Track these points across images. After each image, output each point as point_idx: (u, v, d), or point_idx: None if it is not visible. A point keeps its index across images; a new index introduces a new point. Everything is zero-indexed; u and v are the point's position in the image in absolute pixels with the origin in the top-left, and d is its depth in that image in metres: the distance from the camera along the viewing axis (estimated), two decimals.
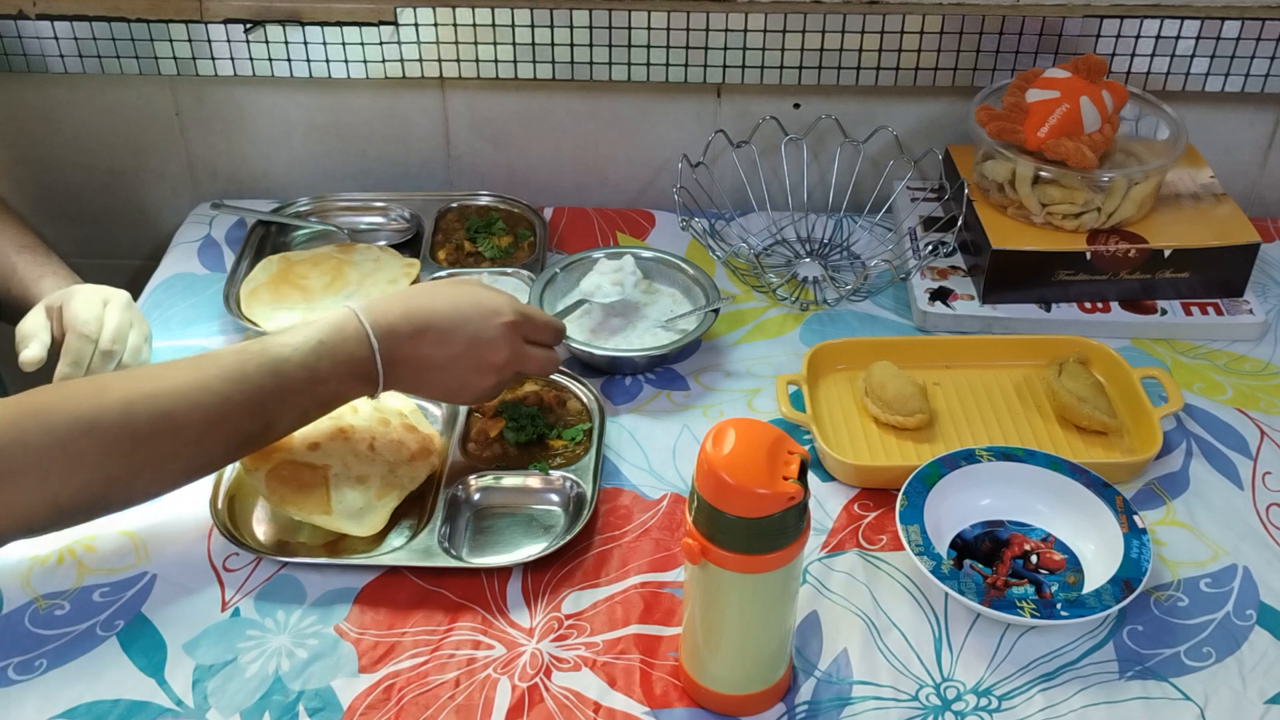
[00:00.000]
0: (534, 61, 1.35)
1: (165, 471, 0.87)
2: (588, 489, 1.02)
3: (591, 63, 1.35)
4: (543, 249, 1.32)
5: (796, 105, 1.39)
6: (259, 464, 0.98)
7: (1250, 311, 1.22)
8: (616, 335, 1.19)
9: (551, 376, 1.13)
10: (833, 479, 1.05)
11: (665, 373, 1.18)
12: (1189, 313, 1.22)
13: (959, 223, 1.26)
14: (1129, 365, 1.12)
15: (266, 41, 1.34)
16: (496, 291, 1.00)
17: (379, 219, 1.40)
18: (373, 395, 0.95)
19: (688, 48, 1.33)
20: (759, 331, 1.23)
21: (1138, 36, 1.32)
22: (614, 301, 1.21)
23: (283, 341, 0.91)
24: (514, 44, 1.34)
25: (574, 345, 1.15)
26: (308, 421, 0.95)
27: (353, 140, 1.44)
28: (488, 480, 1.03)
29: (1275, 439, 1.09)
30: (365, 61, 1.36)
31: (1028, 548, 0.97)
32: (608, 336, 1.19)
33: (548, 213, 1.42)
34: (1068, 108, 1.20)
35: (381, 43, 1.34)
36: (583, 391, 1.12)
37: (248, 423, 0.89)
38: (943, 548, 0.97)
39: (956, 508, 0.99)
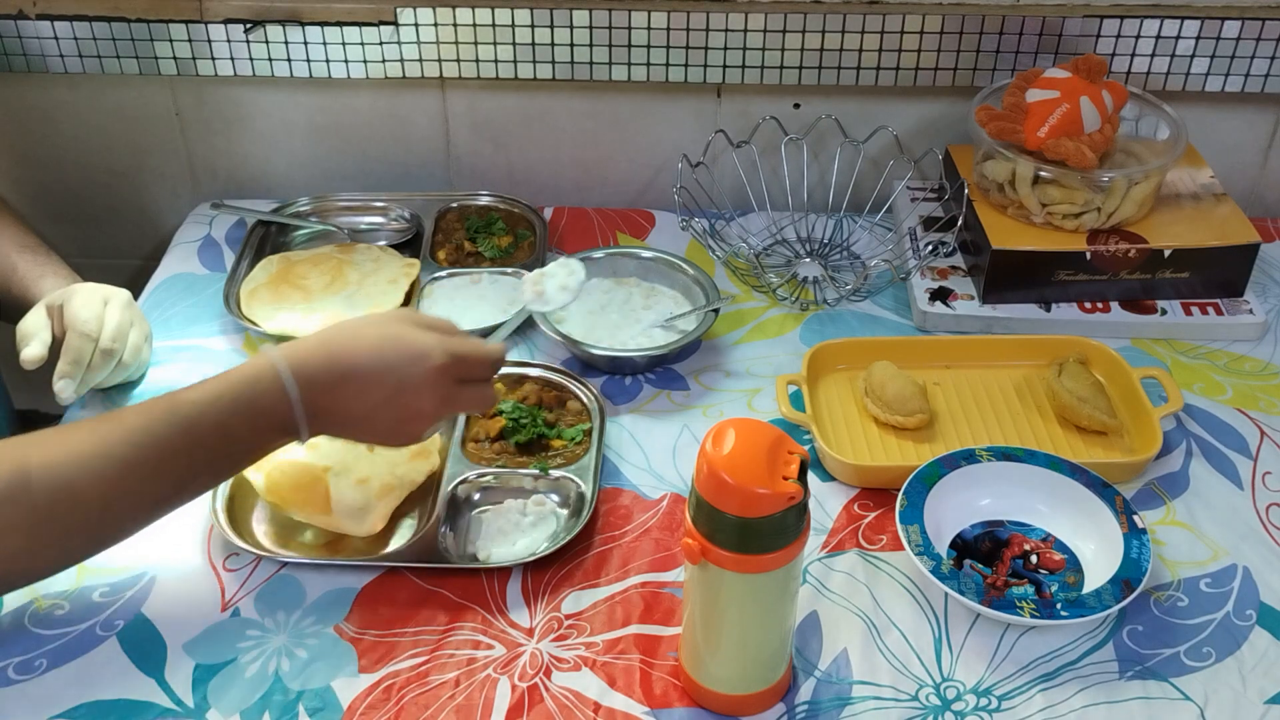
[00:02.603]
0: (534, 61, 1.35)
1: (69, 545, 0.83)
2: (588, 489, 1.02)
3: (591, 63, 1.35)
4: (543, 249, 1.32)
5: (796, 105, 1.39)
6: (259, 465, 0.97)
7: (1250, 311, 1.22)
8: (609, 331, 1.19)
9: (551, 377, 1.13)
10: (833, 479, 1.05)
11: (665, 373, 1.18)
12: (1189, 313, 1.22)
13: (959, 223, 1.25)
14: (1129, 365, 1.12)
15: (266, 41, 1.34)
16: (425, 329, 0.91)
17: (379, 219, 1.40)
18: (300, 442, 0.89)
19: (688, 48, 1.33)
20: (759, 331, 1.23)
21: (1138, 36, 1.32)
22: (559, 308, 1.09)
23: (192, 399, 0.85)
24: (514, 44, 1.34)
25: (574, 345, 1.15)
26: (225, 478, 0.93)
27: (353, 140, 1.44)
28: (488, 480, 1.04)
29: (1275, 439, 1.09)
30: (365, 61, 1.36)
31: (1028, 548, 0.97)
32: (603, 333, 1.19)
33: (548, 213, 1.42)
34: (1068, 108, 1.20)
35: (381, 43, 1.34)
36: (583, 391, 1.12)
37: (155, 487, 0.84)
38: (943, 548, 0.97)
39: (956, 508, 0.99)
